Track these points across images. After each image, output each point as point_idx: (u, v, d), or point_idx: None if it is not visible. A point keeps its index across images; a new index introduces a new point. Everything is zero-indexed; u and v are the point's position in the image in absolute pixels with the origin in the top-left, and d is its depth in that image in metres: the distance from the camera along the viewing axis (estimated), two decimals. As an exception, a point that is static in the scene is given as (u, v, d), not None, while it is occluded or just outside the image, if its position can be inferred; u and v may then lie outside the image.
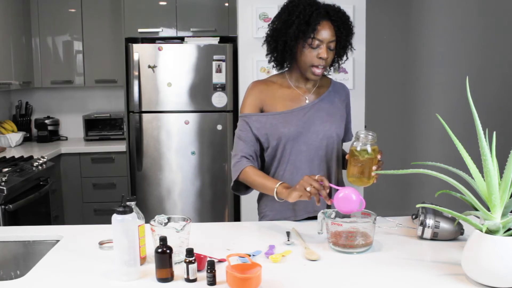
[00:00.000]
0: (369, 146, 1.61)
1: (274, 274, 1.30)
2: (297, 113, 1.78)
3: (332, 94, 1.85)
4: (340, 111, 1.86)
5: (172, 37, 3.87)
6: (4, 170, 2.88)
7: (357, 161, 1.61)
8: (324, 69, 1.74)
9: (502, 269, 1.16)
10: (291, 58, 1.75)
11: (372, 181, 1.63)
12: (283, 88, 1.82)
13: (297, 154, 1.77)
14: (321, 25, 1.68)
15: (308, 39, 1.68)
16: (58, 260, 1.44)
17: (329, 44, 1.70)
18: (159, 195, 3.84)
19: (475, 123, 1.22)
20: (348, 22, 1.75)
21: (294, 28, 1.68)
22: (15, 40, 3.72)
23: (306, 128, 1.77)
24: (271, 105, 1.79)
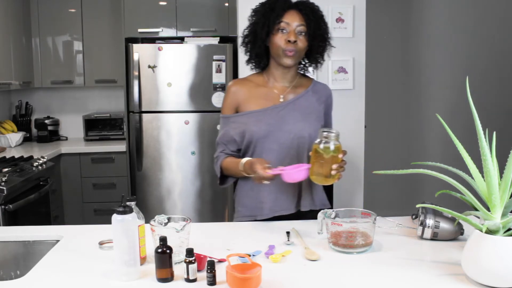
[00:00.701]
0: (332, 144, 1.60)
1: (274, 274, 1.30)
2: (270, 112, 1.79)
3: (310, 94, 1.85)
4: (316, 112, 1.84)
5: (172, 37, 3.87)
6: (4, 170, 2.88)
7: (319, 158, 1.60)
8: (296, 53, 1.74)
9: (502, 269, 1.16)
10: (261, 48, 1.77)
11: (334, 179, 1.62)
12: (260, 87, 1.84)
13: (268, 152, 1.77)
14: (287, 12, 1.73)
15: (275, 25, 1.72)
16: (58, 260, 1.44)
17: (297, 29, 1.73)
18: (159, 195, 3.84)
19: (475, 123, 1.22)
20: (318, 12, 1.79)
21: (259, 15, 1.75)
22: (15, 40, 3.72)
23: (278, 127, 1.77)
24: (246, 104, 1.82)
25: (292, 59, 1.75)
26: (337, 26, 3.49)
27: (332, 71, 3.51)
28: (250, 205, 1.83)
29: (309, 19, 1.75)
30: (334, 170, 1.58)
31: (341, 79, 3.52)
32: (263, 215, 1.80)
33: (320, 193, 1.88)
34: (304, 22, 1.74)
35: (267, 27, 1.74)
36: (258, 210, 1.81)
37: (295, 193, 1.79)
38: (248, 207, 1.83)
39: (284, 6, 1.74)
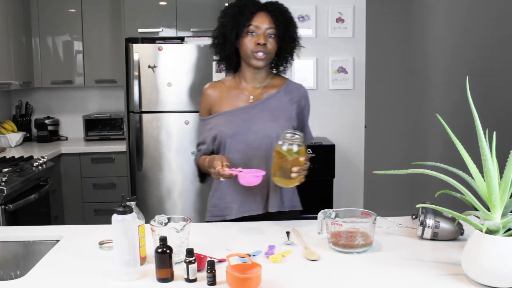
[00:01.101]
0: (295, 146, 1.59)
1: (274, 274, 1.30)
2: (239, 113, 1.80)
3: (282, 94, 1.85)
4: (287, 112, 1.83)
5: (172, 37, 3.87)
6: (4, 170, 2.88)
7: (281, 160, 1.60)
8: (266, 55, 1.75)
9: (502, 269, 1.16)
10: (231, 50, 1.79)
11: (295, 182, 1.61)
12: (232, 89, 1.86)
13: (236, 153, 1.78)
14: (256, 14, 1.75)
15: (244, 27, 1.74)
16: (58, 260, 1.44)
17: (267, 31, 1.75)
18: (159, 195, 3.84)
19: (475, 123, 1.22)
20: (287, 14, 1.80)
21: (229, 18, 1.76)
22: (15, 40, 3.72)
23: (246, 127, 1.78)
24: (218, 106, 1.84)
25: (262, 61, 1.77)
26: (337, 26, 3.49)
27: (332, 71, 3.52)
28: (220, 205, 1.84)
29: (278, 21, 1.76)
30: (295, 173, 1.58)
31: (341, 79, 3.52)
32: (231, 215, 1.81)
33: (290, 195, 1.86)
34: (273, 25, 1.75)
35: (236, 30, 1.75)
36: (227, 210, 1.82)
37: (263, 194, 1.80)
38: (218, 207, 1.85)
39: (253, 8, 1.75)
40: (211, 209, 1.89)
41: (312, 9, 3.46)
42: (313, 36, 3.49)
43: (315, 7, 3.47)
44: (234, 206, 1.80)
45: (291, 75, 3.49)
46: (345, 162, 3.56)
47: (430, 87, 4.55)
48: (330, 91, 3.54)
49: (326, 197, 3.27)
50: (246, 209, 1.80)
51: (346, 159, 3.57)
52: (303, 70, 3.50)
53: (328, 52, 3.51)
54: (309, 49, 3.50)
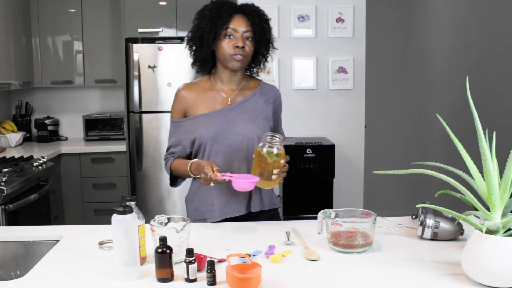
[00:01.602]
0: (276, 148, 1.61)
1: (274, 274, 1.30)
2: (218, 115, 1.80)
3: (258, 95, 1.86)
4: (264, 113, 1.84)
5: (172, 37, 3.87)
6: (4, 170, 2.88)
7: (261, 162, 1.61)
8: (244, 58, 1.76)
9: (502, 269, 1.16)
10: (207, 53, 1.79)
11: (275, 183, 1.63)
12: (207, 90, 1.85)
13: (217, 155, 1.78)
14: (233, 17, 1.75)
15: (222, 30, 1.74)
16: (58, 260, 1.44)
17: (244, 34, 1.75)
18: (159, 195, 3.84)
19: (475, 123, 1.22)
20: (263, 17, 1.81)
21: (206, 21, 1.76)
22: (15, 40, 3.72)
23: (226, 129, 1.78)
24: (194, 108, 1.83)
25: (240, 63, 1.77)
26: (337, 26, 3.49)
27: (332, 71, 3.52)
28: (201, 208, 1.84)
29: (255, 23, 1.77)
30: (275, 174, 1.60)
31: (341, 79, 3.52)
32: (214, 217, 1.80)
33: (269, 193, 1.88)
34: (250, 28, 1.76)
35: (214, 33, 1.75)
36: (209, 213, 1.82)
37: (245, 195, 1.80)
38: (199, 210, 1.85)
39: (231, 11, 1.75)
40: (193, 213, 1.88)
41: (312, 9, 3.46)
42: (313, 36, 3.49)
43: (315, 7, 3.47)
44: (217, 208, 1.80)
45: (291, 75, 3.50)
46: (345, 162, 3.56)
47: (430, 87, 4.55)
48: (330, 91, 3.54)
49: (326, 197, 3.27)
50: (230, 211, 1.80)
51: (346, 159, 3.57)
52: (303, 70, 3.50)
53: (328, 52, 3.51)
54: (309, 49, 3.51)
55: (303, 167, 3.19)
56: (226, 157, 1.77)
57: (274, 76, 3.48)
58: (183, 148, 1.84)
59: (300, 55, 3.50)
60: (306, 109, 3.53)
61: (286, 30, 3.46)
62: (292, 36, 3.46)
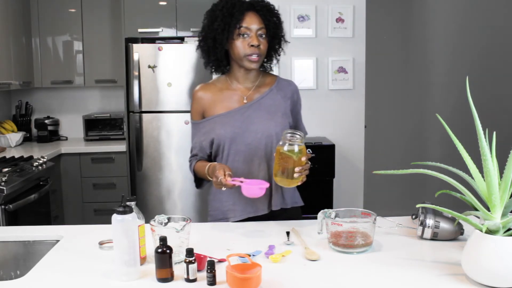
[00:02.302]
0: (296, 146, 1.59)
1: (274, 274, 1.30)
2: (235, 114, 1.79)
3: (274, 92, 1.84)
4: (282, 109, 1.82)
5: (172, 37, 3.87)
6: (4, 170, 2.88)
7: (282, 161, 1.59)
8: (260, 57, 1.75)
9: (502, 269, 1.16)
10: (221, 53, 1.77)
11: (297, 182, 1.61)
12: (224, 90, 1.84)
13: (235, 154, 1.77)
14: (246, 15, 1.72)
15: (235, 30, 1.72)
16: (58, 260, 1.44)
17: (258, 32, 1.73)
18: (159, 195, 3.84)
19: (475, 123, 1.22)
20: (274, 11, 1.80)
21: (219, 21, 1.73)
22: (15, 40, 3.72)
23: (244, 128, 1.76)
24: (211, 109, 1.82)
25: (256, 63, 1.75)
26: (337, 26, 3.49)
27: (332, 71, 3.52)
28: (222, 208, 1.83)
29: (268, 20, 1.75)
30: (297, 173, 1.58)
31: (341, 79, 3.52)
32: (236, 216, 1.80)
33: (291, 191, 1.86)
34: (263, 25, 1.74)
35: (227, 33, 1.72)
36: (231, 212, 1.81)
37: (267, 194, 1.76)
38: (220, 210, 1.84)
39: (242, 9, 1.73)
40: (213, 213, 1.87)
41: (312, 9, 3.46)
42: (313, 36, 3.49)
43: (315, 7, 3.47)
44: (238, 208, 1.79)
45: (291, 75, 3.49)
46: (345, 162, 3.56)
47: (430, 87, 4.55)
48: (330, 91, 3.54)
49: (326, 197, 3.27)
50: (251, 210, 1.79)
51: (346, 159, 3.57)
52: (303, 70, 3.50)
53: (328, 52, 3.51)
54: (309, 49, 3.51)
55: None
56: (246, 156, 1.75)
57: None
58: (203, 150, 1.83)
59: (300, 55, 3.49)
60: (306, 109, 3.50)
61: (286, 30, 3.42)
62: (292, 36, 3.46)
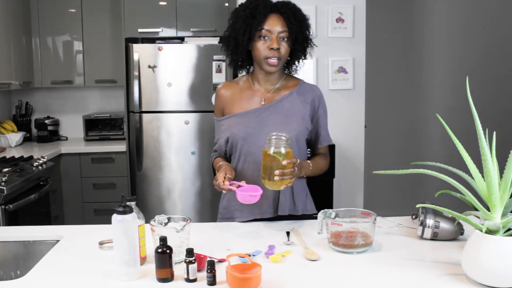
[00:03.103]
0: (283, 148, 1.59)
1: (274, 274, 1.30)
2: (251, 115, 1.79)
3: (295, 95, 1.82)
4: (300, 113, 1.80)
5: (172, 37, 3.87)
6: (4, 170, 2.88)
7: (266, 162, 1.60)
8: (280, 60, 1.73)
9: (502, 269, 1.16)
10: (243, 54, 1.77)
11: (280, 185, 1.59)
12: (244, 90, 1.84)
13: (247, 155, 1.77)
14: (268, 17, 1.71)
15: (257, 31, 1.70)
16: (58, 260, 1.44)
17: (280, 35, 1.72)
18: (159, 195, 3.84)
19: (475, 123, 1.22)
20: (299, 14, 1.78)
21: (241, 22, 1.72)
22: (15, 40, 3.72)
23: (258, 129, 1.76)
24: (230, 107, 1.83)
25: (275, 67, 1.74)
26: (337, 26, 3.49)
27: (332, 71, 3.52)
28: (230, 207, 1.84)
29: (291, 23, 1.73)
30: (278, 176, 1.56)
31: (341, 79, 3.52)
32: (243, 217, 1.80)
33: (303, 198, 1.84)
34: (286, 28, 1.72)
35: (248, 34, 1.72)
36: (238, 212, 1.81)
37: (275, 197, 1.79)
38: (228, 209, 1.85)
39: (265, 11, 1.71)
40: (222, 211, 1.88)
41: (312, 9, 3.46)
42: (313, 36, 3.47)
43: (315, 7, 3.46)
44: (245, 209, 1.79)
45: (291, 75, 3.49)
46: (345, 162, 3.56)
47: (430, 87, 4.55)
48: (330, 91, 3.54)
49: (326, 197, 3.26)
50: (258, 212, 1.78)
51: (346, 159, 3.57)
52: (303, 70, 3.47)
53: (328, 52, 3.51)
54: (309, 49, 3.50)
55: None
56: (257, 158, 1.74)
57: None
58: (220, 147, 1.84)
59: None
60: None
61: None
62: (292, 36, 3.46)
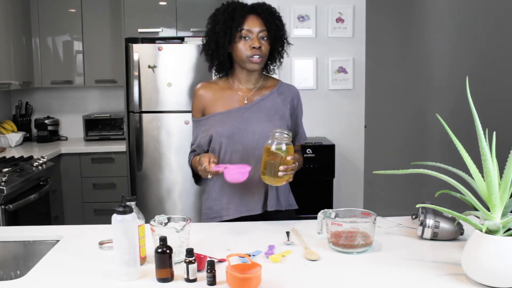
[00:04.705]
0: (284, 145, 1.61)
1: (274, 274, 1.30)
2: (235, 114, 1.81)
3: (275, 95, 1.86)
4: (281, 112, 1.84)
5: (172, 37, 3.87)
6: (4, 170, 2.88)
7: (269, 159, 1.61)
8: (262, 58, 1.77)
9: (502, 269, 1.16)
10: (224, 56, 1.79)
11: (283, 180, 1.62)
12: (225, 90, 1.87)
13: (232, 153, 1.79)
14: (247, 18, 1.76)
15: (237, 32, 1.75)
16: (58, 260, 1.44)
17: (259, 34, 1.76)
18: (159, 195, 3.84)
19: (475, 123, 1.22)
20: (276, 14, 1.82)
21: (220, 24, 1.76)
22: (15, 40, 3.72)
23: (243, 128, 1.79)
24: (211, 107, 1.85)
25: (258, 65, 1.78)
26: (337, 26, 3.49)
27: (332, 71, 3.52)
28: (215, 207, 1.85)
29: (269, 22, 1.78)
30: (282, 172, 1.59)
31: (341, 79, 3.52)
32: (229, 215, 1.81)
33: (286, 193, 1.89)
34: (264, 27, 1.77)
35: (229, 36, 1.75)
36: (224, 211, 1.82)
37: (261, 193, 1.81)
38: (214, 209, 1.85)
39: (244, 12, 1.76)
40: (207, 211, 1.89)
41: (312, 9, 3.46)
42: (313, 36, 3.49)
43: (315, 7, 3.47)
44: (232, 207, 1.81)
45: (291, 75, 3.49)
46: (345, 162, 3.56)
47: (430, 87, 4.55)
48: (330, 91, 3.54)
49: (326, 197, 3.27)
50: (244, 209, 1.80)
51: (346, 159, 3.57)
52: (303, 70, 3.50)
53: (328, 52, 3.51)
54: (309, 49, 3.51)
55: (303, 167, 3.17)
56: (242, 156, 1.77)
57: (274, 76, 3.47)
58: (201, 146, 1.86)
59: (300, 55, 3.49)
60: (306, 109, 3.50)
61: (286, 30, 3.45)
62: (292, 36, 3.46)
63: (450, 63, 4.49)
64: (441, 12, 4.46)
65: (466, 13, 4.45)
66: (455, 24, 4.46)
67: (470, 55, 4.47)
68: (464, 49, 4.47)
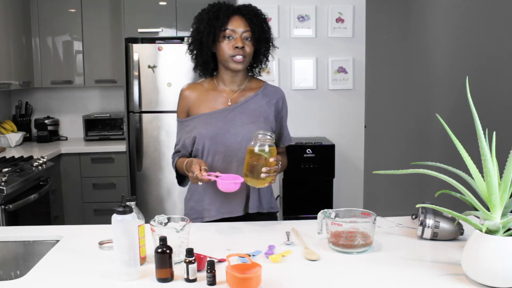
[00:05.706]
0: (267, 146, 1.61)
1: (274, 274, 1.30)
2: (218, 115, 1.81)
3: (259, 96, 1.86)
4: (265, 114, 1.83)
5: (172, 37, 3.87)
6: (4, 170, 2.88)
7: (252, 160, 1.61)
8: (245, 58, 1.77)
9: (502, 269, 1.16)
10: (208, 56, 1.80)
11: (266, 182, 1.62)
12: (210, 91, 1.87)
13: (214, 155, 1.79)
14: (231, 18, 1.76)
15: (221, 32, 1.75)
16: (58, 260, 1.44)
17: (243, 35, 1.76)
18: (159, 195, 3.84)
19: (475, 123, 1.22)
20: (261, 16, 1.82)
21: (204, 24, 1.77)
22: (15, 40, 3.72)
23: (226, 129, 1.78)
24: (196, 108, 1.85)
25: (241, 64, 1.78)
26: (337, 26, 3.49)
27: (332, 71, 3.52)
28: (197, 207, 1.85)
29: (253, 23, 1.78)
30: (264, 173, 1.59)
31: (341, 79, 3.52)
32: (211, 216, 1.82)
33: (268, 196, 1.88)
34: (249, 28, 1.77)
35: (212, 35, 1.76)
36: (206, 212, 1.83)
37: (243, 195, 1.80)
38: (196, 210, 1.86)
39: (228, 12, 1.76)
40: (188, 212, 1.89)
41: (312, 9, 3.46)
42: (313, 36, 3.49)
43: (315, 7, 3.47)
44: (213, 208, 1.81)
45: (291, 75, 3.50)
46: (345, 162, 3.56)
47: (430, 87, 4.55)
48: (330, 91, 3.54)
49: (326, 197, 3.27)
50: (226, 211, 1.81)
51: (346, 159, 3.57)
52: (303, 70, 3.50)
53: (328, 52, 3.51)
54: (309, 49, 3.51)
55: (303, 167, 3.19)
56: (225, 157, 1.78)
57: (274, 76, 3.48)
58: (185, 147, 1.86)
59: (300, 55, 3.49)
60: (306, 109, 3.53)
61: (286, 30, 3.46)
62: (292, 36, 3.46)
63: (450, 63, 4.49)
64: (441, 12, 4.46)
65: (466, 13, 4.45)
66: (455, 24, 4.46)
67: (470, 55, 4.47)
68: (464, 49, 4.47)
